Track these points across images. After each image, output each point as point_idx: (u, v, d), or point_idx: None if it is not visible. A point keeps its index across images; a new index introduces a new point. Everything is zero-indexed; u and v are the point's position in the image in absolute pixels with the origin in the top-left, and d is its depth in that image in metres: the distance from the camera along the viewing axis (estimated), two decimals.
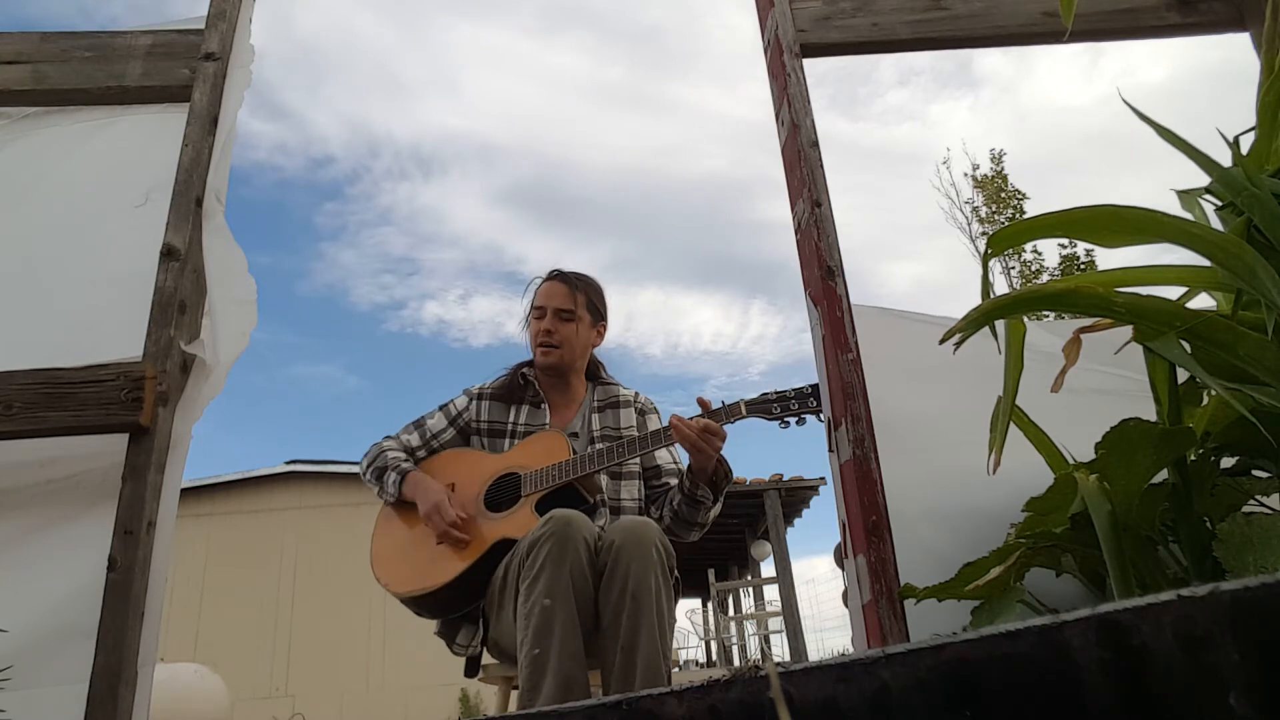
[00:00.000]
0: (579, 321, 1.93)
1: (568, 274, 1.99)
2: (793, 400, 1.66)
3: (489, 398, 1.95)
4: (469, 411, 1.94)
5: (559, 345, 1.90)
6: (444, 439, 1.93)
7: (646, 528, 1.52)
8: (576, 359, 1.94)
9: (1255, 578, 0.36)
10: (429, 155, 36.49)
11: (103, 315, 1.34)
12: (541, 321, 1.92)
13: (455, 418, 1.94)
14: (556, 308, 1.92)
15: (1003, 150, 13.68)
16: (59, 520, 1.21)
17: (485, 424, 1.92)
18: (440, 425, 1.94)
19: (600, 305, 2.00)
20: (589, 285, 1.99)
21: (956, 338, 0.93)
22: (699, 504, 1.77)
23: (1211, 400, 0.94)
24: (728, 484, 1.80)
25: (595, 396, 1.97)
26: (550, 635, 1.39)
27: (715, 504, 1.80)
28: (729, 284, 49.53)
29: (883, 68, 25.12)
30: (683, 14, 42.35)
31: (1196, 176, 0.96)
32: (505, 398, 1.95)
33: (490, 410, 1.93)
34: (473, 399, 1.95)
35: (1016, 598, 0.97)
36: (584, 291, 1.96)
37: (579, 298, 1.94)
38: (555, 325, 1.91)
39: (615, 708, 0.50)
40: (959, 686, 0.41)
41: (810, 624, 12.02)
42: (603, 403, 1.96)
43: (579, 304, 1.93)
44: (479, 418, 1.93)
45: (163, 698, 4.90)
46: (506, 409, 1.93)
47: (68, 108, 1.53)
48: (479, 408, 1.94)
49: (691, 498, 1.76)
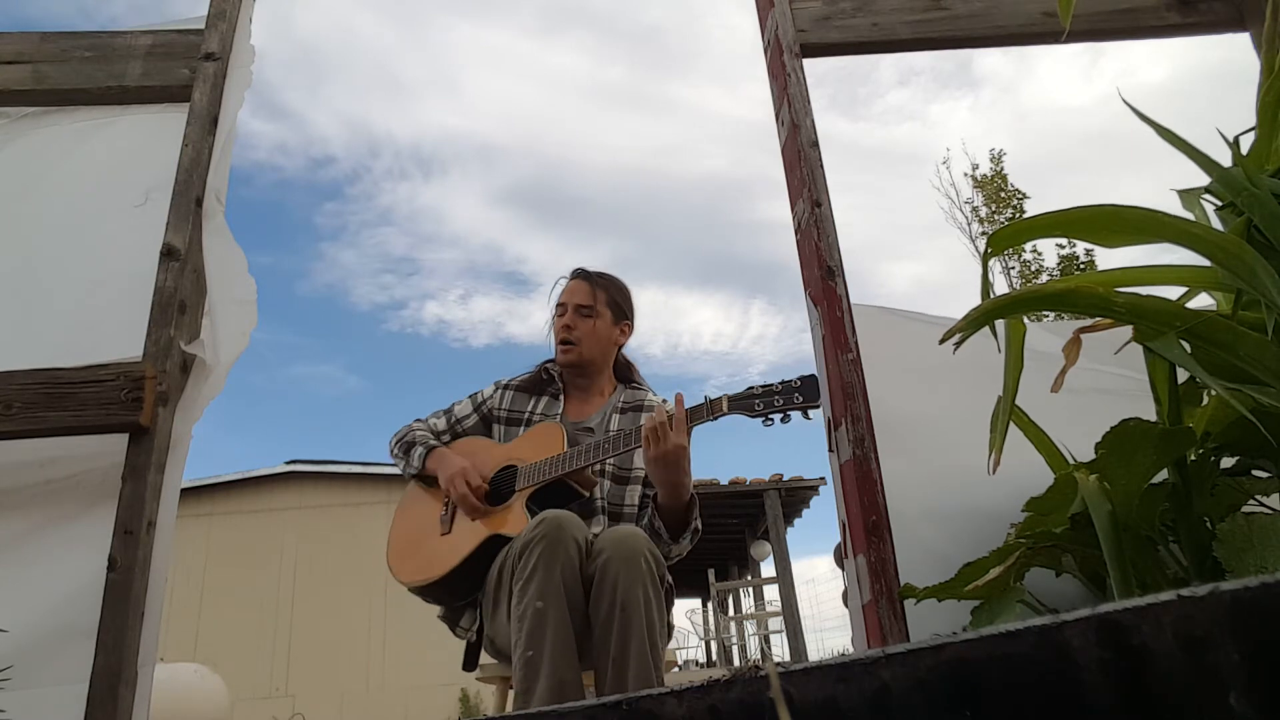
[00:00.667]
0: (599, 318, 1.93)
1: (590, 272, 2.01)
2: (778, 395, 1.54)
3: (515, 389, 1.99)
4: (493, 399, 1.98)
5: (577, 342, 1.91)
6: (467, 425, 1.98)
7: (635, 538, 1.51)
8: (597, 356, 1.94)
9: (1255, 578, 0.36)
10: (429, 155, 36.50)
11: (103, 315, 1.34)
12: (562, 319, 1.94)
13: (480, 405, 1.99)
14: (576, 304, 1.94)
15: (1002, 150, 13.71)
16: (59, 520, 1.22)
17: (505, 412, 1.95)
18: (465, 411, 1.99)
19: (624, 304, 2.00)
20: (611, 283, 2.00)
21: (956, 338, 0.93)
22: (657, 535, 1.68)
23: (1211, 400, 0.94)
24: (689, 532, 1.70)
25: (622, 398, 1.96)
26: (543, 638, 1.39)
27: (675, 542, 1.70)
28: (729, 284, 49.53)
29: (883, 68, 25.14)
30: (683, 14, 42.36)
31: (1196, 176, 0.96)
32: (530, 389, 1.98)
33: (513, 400, 1.96)
34: (499, 389, 2.00)
35: (1016, 598, 0.97)
36: (605, 289, 1.97)
37: (599, 295, 1.95)
38: (574, 321, 1.92)
39: (615, 708, 0.50)
40: (959, 686, 0.41)
41: (810, 624, 12.03)
42: (628, 405, 1.94)
43: (599, 300, 1.94)
44: (501, 406, 1.96)
45: (163, 698, 4.91)
46: (528, 399, 1.96)
47: (67, 108, 1.53)
48: (503, 397, 1.97)
49: (651, 526, 1.69)
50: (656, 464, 1.59)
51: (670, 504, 1.66)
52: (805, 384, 1.52)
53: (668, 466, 1.58)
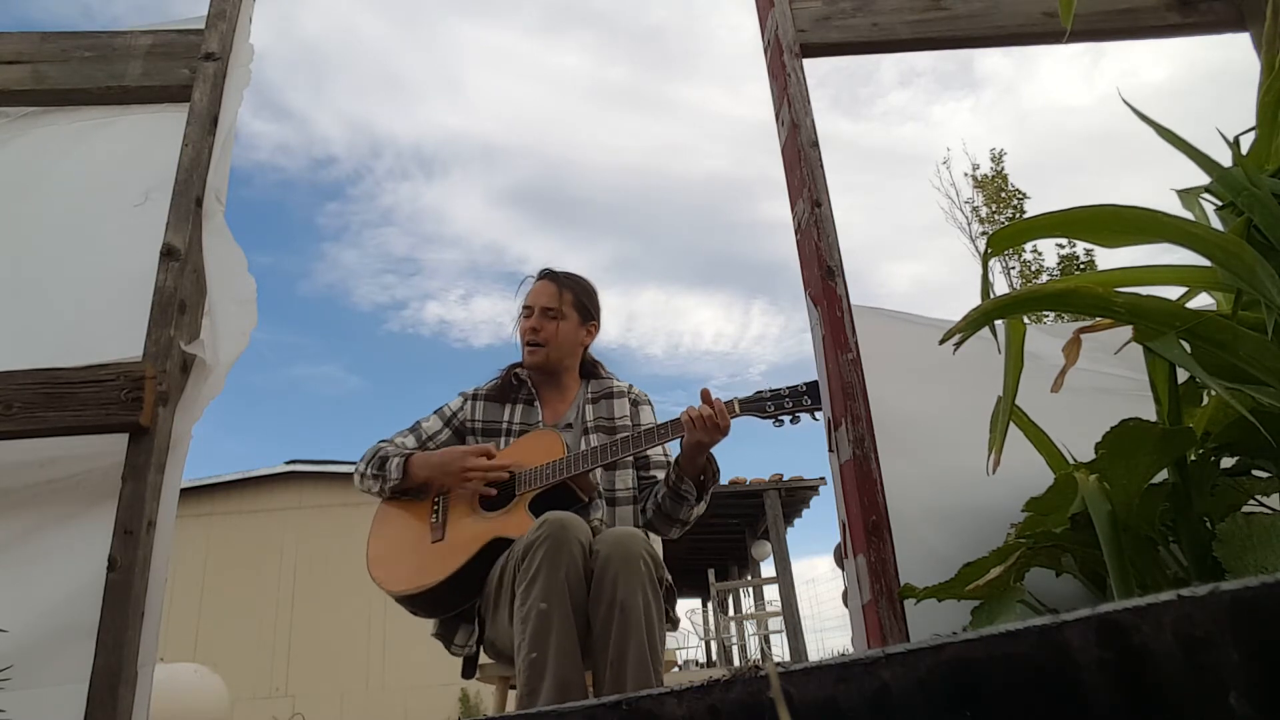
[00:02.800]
0: (565, 320, 1.94)
1: (557, 273, 2.01)
2: (787, 399, 1.64)
3: (484, 398, 1.96)
4: (464, 411, 1.95)
5: (544, 344, 1.92)
6: (440, 440, 1.93)
7: (633, 540, 1.52)
8: (564, 357, 1.95)
9: (1255, 578, 0.36)
10: (431, 155, 36.49)
11: (103, 315, 1.34)
12: (529, 320, 1.94)
13: (450, 418, 1.95)
14: (543, 306, 1.94)
15: (1003, 150, 13.70)
16: (59, 520, 1.21)
17: (480, 423, 1.93)
18: (436, 427, 1.94)
19: (590, 304, 2.00)
20: (577, 284, 2.00)
21: (956, 338, 0.93)
22: (682, 500, 1.76)
23: (1211, 400, 0.94)
24: (714, 484, 1.80)
25: (589, 389, 1.98)
26: (547, 639, 1.39)
27: (699, 503, 1.79)
28: (730, 284, 49.46)
29: (885, 69, 25.10)
30: (685, 14, 42.33)
31: (1197, 176, 0.96)
32: (499, 398, 1.96)
33: (485, 410, 1.95)
34: (468, 400, 1.97)
35: (1016, 598, 0.97)
36: (571, 290, 1.96)
37: (565, 295, 1.95)
38: (541, 324, 1.93)
39: (615, 708, 0.50)
40: (959, 686, 0.41)
41: (810, 624, 12.01)
42: (596, 394, 1.97)
43: (565, 302, 1.94)
44: (474, 417, 1.94)
45: (163, 698, 4.90)
46: (501, 408, 1.95)
47: (67, 108, 1.53)
48: (474, 408, 1.95)
49: (676, 491, 1.76)
50: (703, 448, 1.70)
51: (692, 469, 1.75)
52: (811, 389, 1.61)
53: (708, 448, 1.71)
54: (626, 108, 36.34)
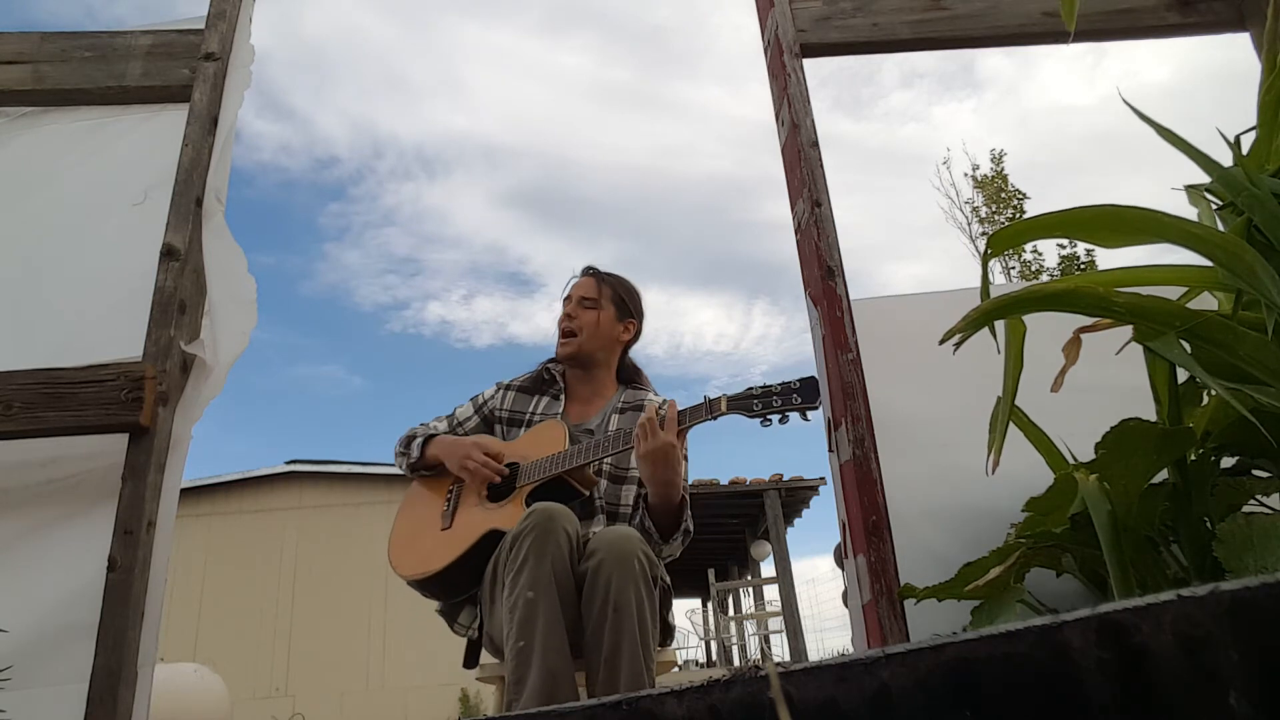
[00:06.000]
0: (601, 310, 1.93)
1: (600, 271, 2.03)
2: (777, 396, 1.54)
3: (516, 389, 1.99)
4: (494, 400, 1.98)
5: (577, 332, 1.91)
6: (469, 426, 1.97)
7: (628, 539, 1.51)
8: (597, 350, 1.93)
9: (1255, 578, 0.36)
10: (433, 156, 36.52)
11: (103, 315, 1.34)
12: (566, 310, 1.96)
13: (481, 406, 1.99)
14: (580, 296, 1.95)
15: (1003, 150, 13.70)
16: (59, 520, 1.21)
17: (506, 413, 1.95)
18: (467, 413, 1.99)
19: (630, 302, 1.99)
20: (618, 281, 2.01)
21: (956, 338, 0.93)
22: (647, 534, 1.66)
23: (1211, 400, 0.94)
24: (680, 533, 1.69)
25: (622, 399, 1.94)
26: (534, 627, 1.40)
27: (665, 543, 1.68)
28: (732, 284, 49.54)
29: (887, 69, 25.15)
30: (688, 14, 42.36)
31: (1197, 177, 0.96)
32: (531, 390, 1.98)
33: (515, 400, 1.96)
34: (501, 389, 2.00)
35: (1016, 598, 0.97)
36: (611, 285, 1.97)
37: (604, 289, 1.95)
38: (576, 312, 1.93)
39: (615, 708, 0.50)
40: (959, 686, 0.41)
41: (810, 624, 11.99)
42: (627, 405, 1.92)
43: (603, 294, 1.95)
44: (502, 406, 1.96)
45: (163, 698, 4.90)
46: (529, 399, 1.96)
47: (67, 108, 1.53)
48: (505, 397, 1.97)
49: (642, 527, 1.67)
50: (645, 461, 1.59)
51: (660, 504, 1.66)
52: (805, 385, 1.52)
53: (655, 464, 1.59)
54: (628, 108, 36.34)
